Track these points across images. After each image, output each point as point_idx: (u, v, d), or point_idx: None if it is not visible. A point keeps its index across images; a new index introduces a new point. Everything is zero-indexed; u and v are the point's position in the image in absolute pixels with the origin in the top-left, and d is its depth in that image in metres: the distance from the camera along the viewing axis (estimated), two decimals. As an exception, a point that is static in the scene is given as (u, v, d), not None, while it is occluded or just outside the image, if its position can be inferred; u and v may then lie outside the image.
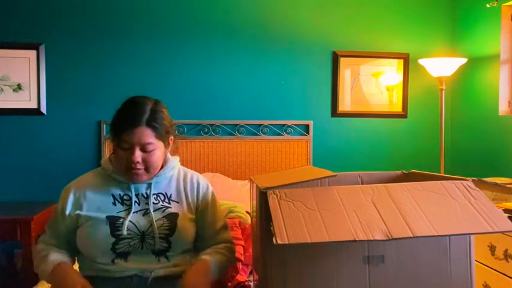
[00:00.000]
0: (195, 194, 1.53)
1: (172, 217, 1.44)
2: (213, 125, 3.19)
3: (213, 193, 1.59)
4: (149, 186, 1.46)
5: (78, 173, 1.55)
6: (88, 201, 1.43)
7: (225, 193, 2.57)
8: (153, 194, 1.46)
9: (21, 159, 3.04)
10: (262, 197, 1.17)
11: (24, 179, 3.05)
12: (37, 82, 3.03)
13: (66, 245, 1.47)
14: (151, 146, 1.40)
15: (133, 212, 1.42)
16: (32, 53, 3.02)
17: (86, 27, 3.09)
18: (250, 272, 1.95)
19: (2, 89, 3.01)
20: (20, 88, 3.03)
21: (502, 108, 2.93)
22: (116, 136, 1.40)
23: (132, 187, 1.45)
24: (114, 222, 1.39)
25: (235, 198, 2.53)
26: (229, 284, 1.78)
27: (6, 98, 3.01)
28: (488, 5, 2.88)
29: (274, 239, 1.01)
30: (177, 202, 1.49)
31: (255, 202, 1.38)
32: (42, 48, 3.03)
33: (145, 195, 1.45)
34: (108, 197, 1.44)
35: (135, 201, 1.44)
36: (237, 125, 3.23)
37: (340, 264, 1.16)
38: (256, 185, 1.27)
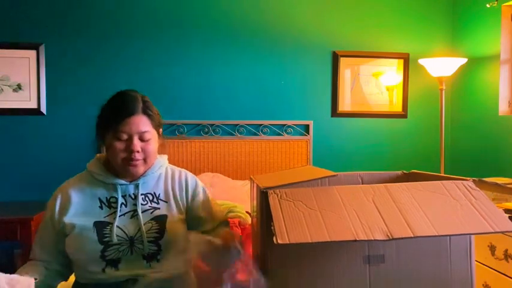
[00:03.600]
0: (184, 193, 1.49)
1: (161, 219, 1.41)
2: (213, 125, 3.19)
3: (204, 189, 1.53)
4: (137, 186, 1.42)
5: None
6: (74, 207, 1.39)
7: (225, 193, 2.58)
8: (141, 195, 1.42)
9: (21, 159, 3.04)
10: (263, 196, 1.17)
11: (24, 179, 3.05)
12: (37, 82, 3.03)
13: (59, 257, 1.41)
14: (149, 135, 1.38)
15: (121, 215, 1.38)
16: (32, 53, 3.02)
17: (86, 28, 3.09)
18: (250, 272, 1.95)
19: (2, 89, 3.01)
20: (20, 88, 3.03)
21: (502, 108, 2.93)
22: (111, 128, 1.37)
23: (119, 188, 1.41)
24: (101, 229, 1.35)
25: (235, 198, 2.53)
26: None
27: (6, 98, 3.01)
28: (488, 5, 2.88)
29: (274, 238, 1.01)
30: (166, 202, 1.45)
31: (255, 202, 1.38)
32: (42, 48, 3.03)
33: (133, 196, 1.42)
34: (94, 201, 1.40)
35: (122, 203, 1.40)
36: (237, 125, 3.23)
37: (341, 264, 1.15)
38: (257, 185, 1.27)
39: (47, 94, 3.05)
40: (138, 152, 1.36)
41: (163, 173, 1.50)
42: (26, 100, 3.03)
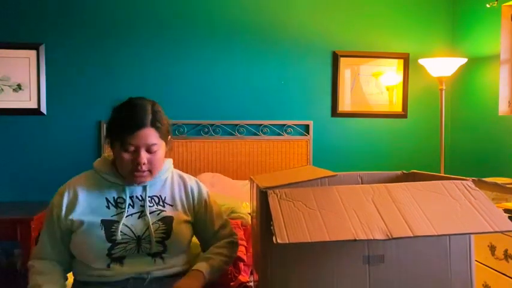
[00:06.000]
0: (190, 197, 1.53)
1: (168, 220, 1.43)
2: (213, 125, 3.19)
3: (207, 193, 1.58)
4: (144, 188, 1.45)
5: (78, 173, 1.53)
6: (81, 204, 1.41)
7: (225, 193, 2.57)
8: (148, 197, 1.45)
9: (21, 159, 3.04)
10: (263, 196, 1.17)
11: (24, 179, 3.04)
12: (37, 82, 3.03)
13: (66, 256, 1.44)
14: (156, 147, 1.39)
15: (128, 215, 1.40)
16: (32, 53, 3.02)
17: (86, 27, 3.09)
18: (251, 272, 1.95)
19: (2, 89, 3.01)
20: (20, 88, 3.03)
21: (502, 108, 2.93)
22: (119, 139, 1.37)
23: (127, 189, 1.43)
24: (109, 227, 1.37)
25: (235, 199, 2.53)
26: (231, 284, 1.78)
27: (6, 98, 3.01)
28: (488, 5, 2.88)
29: (274, 238, 1.01)
30: (171, 205, 1.48)
31: (255, 202, 1.38)
32: (42, 48, 3.03)
33: (140, 198, 1.44)
34: (101, 200, 1.42)
35: (129, 204, 1.42)
36: (237, 125, 3.23)
37: (340, 263, 1.16)
38: (257, 185, 1.27)
39: (47, 94, 3.05)
40: (144, 164, 1.38)
41: (170, 177, 1.53)
42: (26, 100, 3.03)
